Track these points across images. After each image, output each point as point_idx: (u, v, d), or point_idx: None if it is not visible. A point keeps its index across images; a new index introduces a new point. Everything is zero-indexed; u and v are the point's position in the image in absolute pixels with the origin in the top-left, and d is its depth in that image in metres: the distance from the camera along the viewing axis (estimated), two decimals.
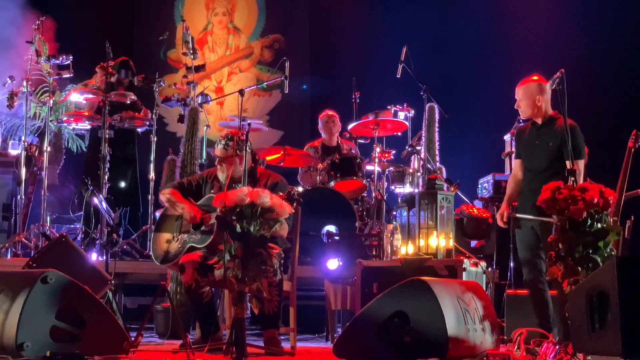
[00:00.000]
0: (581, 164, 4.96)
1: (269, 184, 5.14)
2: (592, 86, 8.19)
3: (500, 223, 5.22)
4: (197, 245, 5.02)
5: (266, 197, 4.26)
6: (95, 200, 5.88)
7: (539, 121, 5.12)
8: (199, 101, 7.54)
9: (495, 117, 8.42)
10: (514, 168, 5.35)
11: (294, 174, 7.69)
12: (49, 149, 7.15)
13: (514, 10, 9.34)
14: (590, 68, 8.44)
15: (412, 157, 7.26)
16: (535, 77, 5.12)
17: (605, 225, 4.16)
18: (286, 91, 7.12)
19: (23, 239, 6.77)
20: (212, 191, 5.25)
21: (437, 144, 7.35)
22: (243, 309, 4.31)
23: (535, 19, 9.18)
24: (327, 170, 7.10)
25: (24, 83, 7.20)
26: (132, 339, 4.54)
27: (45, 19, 7.33)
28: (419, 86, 6.95)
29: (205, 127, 7.65)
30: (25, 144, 7.13)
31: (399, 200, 7.07)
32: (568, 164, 4.83)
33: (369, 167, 7.25)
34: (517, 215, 5.04)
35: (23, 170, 7.03)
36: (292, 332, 5.13)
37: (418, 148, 7.19)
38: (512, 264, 6.20)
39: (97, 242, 6.63)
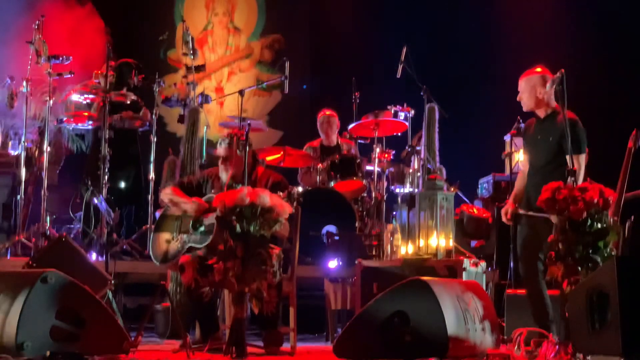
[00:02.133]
0: (582, 158, 4.89)
1: (270, 184, 5.14)
2: (593, 86, 8.19)
3: (504, 219, 5.15)
4: (197, 246, 5.02)
5: (266, 198, 4.26)
6: (95, 200, 5.88)
7: (542, 115, 5.05)
8: (199, 101, 7.54)
9: (495, 117, 8.42)
10: (522, 164, 5.31)
11: (293, 174, 7.69)
12: (49, 149, 7.15)
13: (514, 10, 9.34)
14: (591, 68, 8.44)
15: (412, 157, 7.26)
16: (538, 69, 5.04)
17: (605, 225, 4.16)
18: (286, 91, 7.12)
19: (23, 239, 6.77)
20: (212, 191, 5.25)
21: (437, 144, 7.36)
22: (243, 308, 4.32)
23: (536, 19, 9.18)
24: (327, 170, 7.10)
25: (24, 83, 7.20)
26: (132, 338, 4.53)
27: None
28: (419, 86, 6.95)
29: (205, 127, 7.65)
30: (25, 144, 7.13)
31: (399, 201, 7.08)
32: (568, 158, 4.80)
33: (368, 167, 7.26)
34: (520, 211, 4.99)
35: (23, 170, 7.02)
36: (292, 332, 5.13)
37: (418, 148, 7.19)
38: (512, 264, 6.20)
39: (97, 242, 6.62)
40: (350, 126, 7.54)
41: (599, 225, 4.16)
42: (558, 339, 4.57)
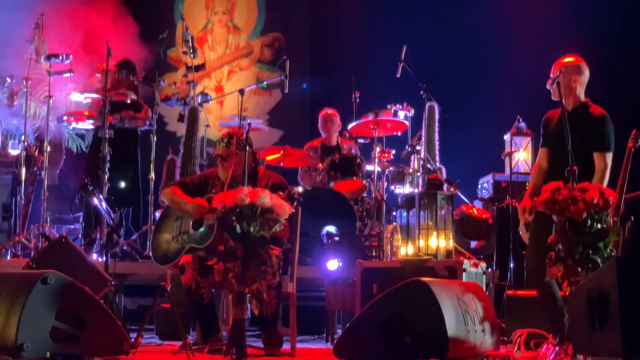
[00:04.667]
0: (608, 157, 4.79)
1: (270, 184, 5.13)
2: (593, 86, 8.17)
3: (521, 218, 4.95)
4: (197, 246, 5.02)
5: (266, 198, 4.25)
6: (95, 201, 5.87)
7: (569, 107, 4.89)
8: (199, 100, 7.53)
9: (495, 117, 8.43)
10: (539, 158, 5.13)
11: (294, 174, 7.69)
12: (49, 148, 7.15)
13: (514, 9, 9.33)
14: (591, 68, 8.41)
15: (412, 157, 7.27)
16: (571, 58, 4.95)
17: (605, 225, 4.15)
18: (286, 91, 7.12)
19: (23, 240, 6.77)
20: (213, 191, 5.24)
21: (437, 143, 7.37)
22: (243, 309, 4.31)
23: (536, 19, 9.17)
24: (327, 170, 7.10)
25: (24, 83, 7.20)
26: (132, 339, 4.53)
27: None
28: (419, 85, 6.95)
29: (205, 127, 7.65)
30: (25, 144, 7.13)
31: (399, 201, 7.08)
32: (595, 156, 4.75)
33: (368, 167, 7.25)
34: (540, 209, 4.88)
35: (23, 170, 7.02)
36: (292, 333, 5.13)
37: (418, 148, 7.20)
38: (512, 265, 6.20)
39: (97, 242, 6.62)
40: (350, 125, 7.54)
41: (599, 226, 4.14)
42: (558, 339, 4.57)
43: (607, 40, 8.76)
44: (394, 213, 6.74)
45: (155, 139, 7.35)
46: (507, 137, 7.50)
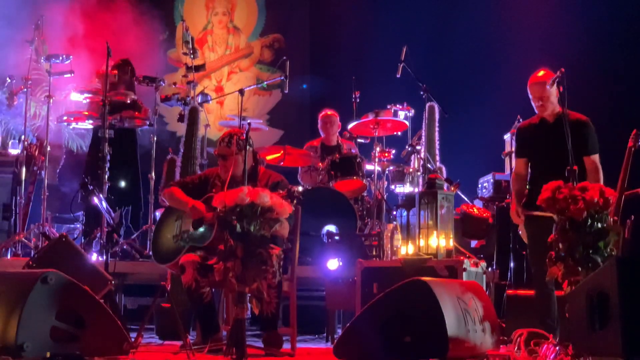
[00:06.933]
0: (596, 158, 4.95)
1: (270, 184, 5.13)
2: (593, 85, 8.18)
3: (516, 221, 5.14)
4: (197, 245, 5.02)
5: (266, 197, 4.25)
6: (95, 200, 5.87)
7: (550, 119, 5.03)
8: (199, 100, 7.53)
9: (495, 117, 8.42)
10: (517, 167, 5.27)
11: (294, 174, 7.69)
12: (49, 148, 7.15)
13: (514, 9, 9.33)
14: (591, 67, 8.43)
15: (412, 156, 7.27)
16: (542, 72, 5.03)
17: (605, 225, 4.15)
18: (286, 91, 7.12)
19: (23, 239, 6.77)
20: (213, 190, 5.24)
21: (437, 143, 7.37)
22: (243, 309, 4.31)
23: (536, 18, 9.17)
24: (327, 169, 7.10)
25: (24, 82, 7.20)
26: (132, 339, 4.53)
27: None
28: (419, 85, 6.94)
29: (205, 127, 7.65)
30: (26, 143, 7.13)
31: (399, 200, 7.07)
32: (585, 160, 4.88)
33: (369, 167, 7.25)
34: (534, 212, 4.90)
35: (23, 170, 7.02)
36: (292, 333, 5.12)
37: (418, 147, 7.20)
38: (512, 264, 6.20)
39: (97, 242, 6.62)
40: (350, 125, 7.54)
41: (600, 225, 4.15)
42: (558, 339, 4.57)
43: (608, 41, 8.76)
44: (394, 212, 6.74)
45: (155, 139, 7.35)
46: (507, 137, 7.49)
